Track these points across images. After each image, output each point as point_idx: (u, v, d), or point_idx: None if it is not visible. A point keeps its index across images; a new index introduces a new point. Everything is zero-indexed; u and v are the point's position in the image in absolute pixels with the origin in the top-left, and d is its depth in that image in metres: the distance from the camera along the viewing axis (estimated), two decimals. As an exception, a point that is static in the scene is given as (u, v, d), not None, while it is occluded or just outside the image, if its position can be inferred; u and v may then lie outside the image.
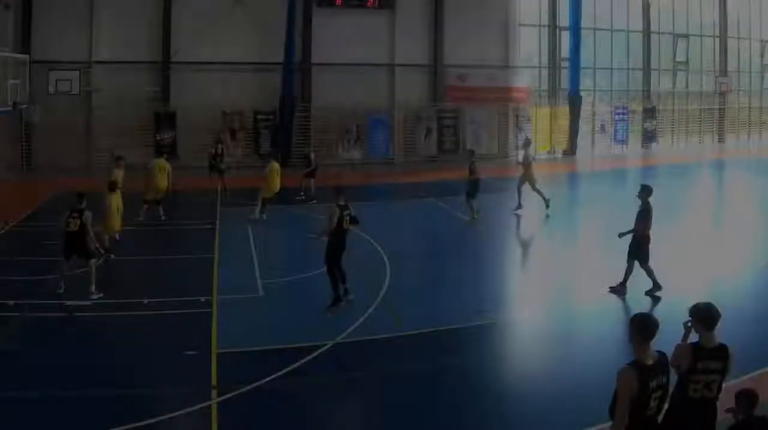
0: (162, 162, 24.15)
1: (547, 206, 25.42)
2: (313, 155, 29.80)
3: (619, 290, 16.07)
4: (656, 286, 15.90)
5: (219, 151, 27.93)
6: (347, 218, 15.31)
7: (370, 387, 11.83)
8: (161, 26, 36.78)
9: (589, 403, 10.44)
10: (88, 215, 15.74)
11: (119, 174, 20.89)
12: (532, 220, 25.86)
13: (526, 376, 11.89)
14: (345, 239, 15.44)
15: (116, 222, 19.04)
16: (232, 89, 37.81)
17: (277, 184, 25.19)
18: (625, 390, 6.75)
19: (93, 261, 15.89)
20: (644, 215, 15.88)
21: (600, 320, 14.82)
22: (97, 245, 16.84)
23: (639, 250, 15.95)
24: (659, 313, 7.41)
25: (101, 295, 15.52)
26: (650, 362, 6.89)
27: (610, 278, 16.39)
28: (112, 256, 18.75)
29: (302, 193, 28.18)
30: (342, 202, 15.40)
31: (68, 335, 13.79)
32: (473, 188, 24.17)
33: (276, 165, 25.61)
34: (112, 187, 18.89)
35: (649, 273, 15.98)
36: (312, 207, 26.11)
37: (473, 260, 20.03)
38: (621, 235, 16.08)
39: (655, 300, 15.65)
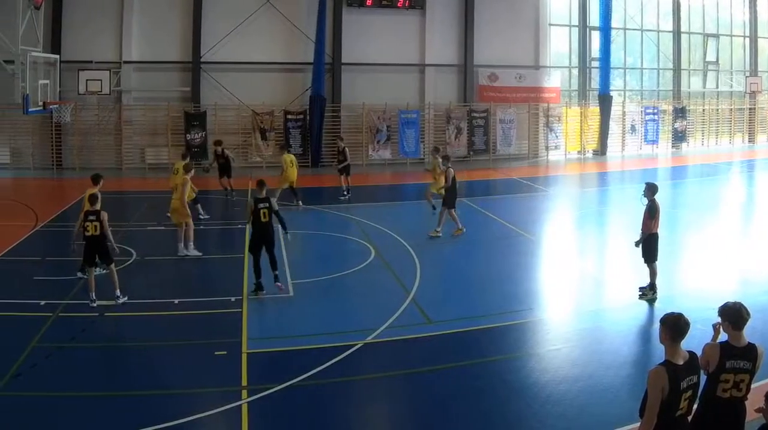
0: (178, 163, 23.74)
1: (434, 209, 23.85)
2: (347, 149, 29.32)
3: (649, 293, 15.92)
4: (652, 288, 15.80)
5: (220, 152, 27.04)
6: (264, 210, 15.79)
7: (401, 387, 11.84)
8: (191, 26, 37.07)
9: (618, 403, 10.46)
10: (104, 215, 15.27)
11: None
12: (555, 221, 25.85)
13: (556, 376, 11.81)
14: (267, 230, 15.97)
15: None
16: (262, 89, 37.97)
17: (292, 173, 25.89)
18: (656, 390, 6.75)
19: (113, 265, 15.53)
20: (651, 214, 15.73)
21: (630, 319, 14.71)
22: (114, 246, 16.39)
23: (648, 248, 15.80)
24: (689, 313, 7.32)
25: (126, 298, 15.40)
26: (681, 361, 6.90)
27: (641, 277, 16.23)
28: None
29: (346, 193, 28.49)
30: (261, 196, 16.02)
31: (99, 335, 13.93)
32: (451, 197, 22.02)
33: (289, 157, 26.39)
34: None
35: (653, 273, 15.86)
36: (347, 207, 26.34)
37: (502, 260, 19.97)
38: (637, 243, 15.87)
39: (651, 302, 15.56)
